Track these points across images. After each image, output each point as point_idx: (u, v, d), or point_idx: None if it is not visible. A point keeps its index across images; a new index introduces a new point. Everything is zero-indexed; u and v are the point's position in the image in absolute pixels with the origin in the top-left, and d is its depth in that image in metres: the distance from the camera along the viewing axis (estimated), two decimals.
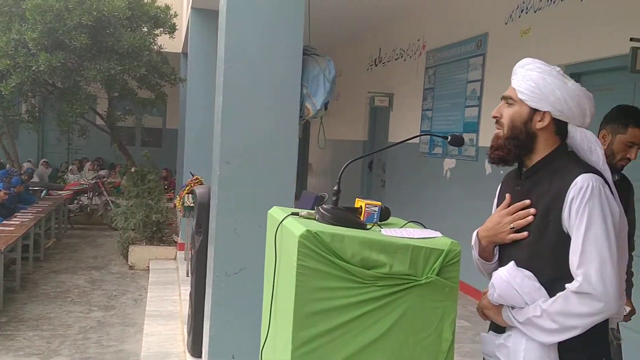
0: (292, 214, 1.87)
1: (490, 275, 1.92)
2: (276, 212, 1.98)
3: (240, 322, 2.86)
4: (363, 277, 1.67)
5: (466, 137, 6.67)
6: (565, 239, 1.76)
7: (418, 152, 7.90)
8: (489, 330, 1.98)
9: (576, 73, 5.06)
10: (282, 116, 3.00)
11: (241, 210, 2.90)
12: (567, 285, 1.73)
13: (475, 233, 2.00)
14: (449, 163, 7.13)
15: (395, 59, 8.71)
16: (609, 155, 2.78)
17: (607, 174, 1.82)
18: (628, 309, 2.90)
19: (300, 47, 2.97)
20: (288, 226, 1.78)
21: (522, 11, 5.73)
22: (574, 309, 1.70)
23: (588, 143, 1.86)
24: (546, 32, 5.34)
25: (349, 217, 1.82)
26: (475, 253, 2.03)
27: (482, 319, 1.95)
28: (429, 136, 7.60)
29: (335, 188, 1.88)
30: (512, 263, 1.83)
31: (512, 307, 1.82)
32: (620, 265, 1.78)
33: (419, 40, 7.95)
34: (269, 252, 2.01)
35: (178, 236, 8.29)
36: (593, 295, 1.69)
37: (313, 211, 1.87)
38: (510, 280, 1.80)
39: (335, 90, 3.25)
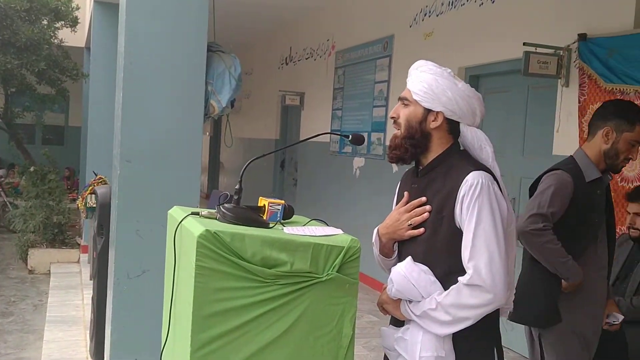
0: (192, 213, 1.83)
1: (390, 271, 1.97)
2: (176, 212, 1.94)
3: (142, 325, 2.77)
4: (264, 276, 1.66)
5: (374, 136, 6.82)
6: (458, 234, 1.84)
7: (329, 151, 7.98)
8: (389, 325, 2.03)
9: (475, 75, 5.30)
10: (186, 113, 2.93)
11: (143, 210, 2.81)
12: (459, 278, 1.80)
13: (375, 230, 2.05)
14: (358, 162, 7.26)
15: (306, 59, 8.76)
16: (613, 156, 2.58)
17: (496, 171, 1.92)
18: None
19: (204, 43, 2.91)
20: (187, 226, 1.75)
21: (425, 15, 5.91)
22: (465, 301, 1.78)
23: (478, 141, 1.95)
24: (448, 35, 5.54)
25: (251, 216, 1.81)
26: (375, 250, 2.08)
27: (382, 313, 2.00)
28: (339, 137, 7.71)
29: (237, 187, 1.87)
30: (409, 258, 1.89)
31: (410, 301, 1.87)
32: (508, 258, 1.89)
33: (328, 40, 8.04)
34: (168, 253, 1.96)
35: (82, 238, 7.95)
36: (483, 287, 1.77)
37: (214, 210, 1.85)
38: (407, 275, 1.85)
39: (246, 88, 3.22)
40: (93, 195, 5.95)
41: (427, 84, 1.89)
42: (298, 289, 1.69)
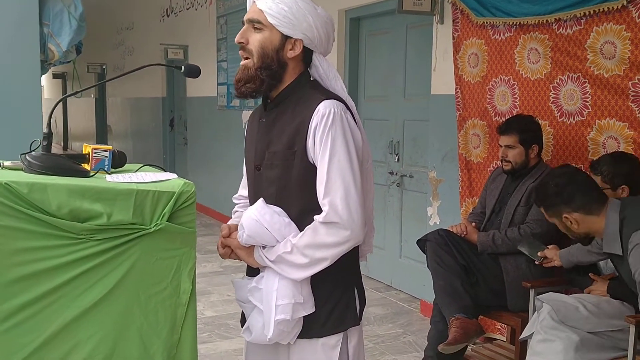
0: None
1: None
2: None
3: None
4: (76, 231, 1.42)
5: None
6: (312, 169, 1.68)
7: (217, 106, 7.67)
8: (244, 276, 1.86)
9: (355, 18, 5.15)
10: (18, 59, 2.58)
11: None
12: (315, 217, 1.65)
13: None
14: (246, 115, 7.00)
15: (187, 9, 8.29)
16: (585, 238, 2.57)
17: (350, 102, 1.76)
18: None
19: None
20: None
21: None
22: (322, 240, 1.64)
23: (332, 72, 1.79)
24: None
25: (64, 164, 1.55)
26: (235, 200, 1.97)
27: (223, 257, 1.81)
28: (226, 90, 7.42)
29: (45, 131, 1.60)
30: (260, 201, 1.72)
31: (264, 247, 1.70)
32: (366, 193, 1.75)
33: None
34: None
35: None
36: (339, 224, 1.63)
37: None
38: (259, 218, 1.68)
39: (129, 44, 2.86)
40: None
41: (286, 6, 1.66)
42: (120, 244, 1.47)
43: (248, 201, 1.88)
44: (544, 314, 2.61)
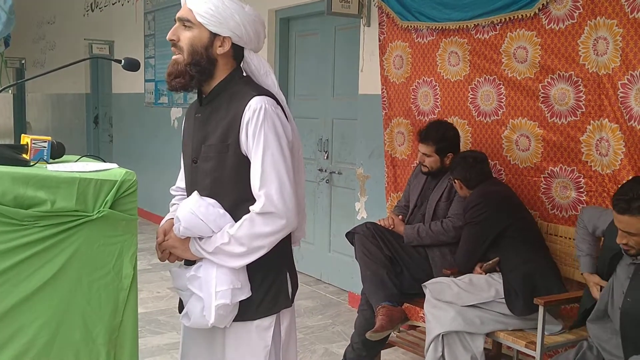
0: None
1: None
2: None
3: None
4: (19, 218, 1.46)
5: None
6: (245, 162, 1.77)
7: (144, 103, 7.57)
8: (180, 266, 1.93)
9: (285, 18, 5.25)
10: None
11: None
12: (250, 207, 1.74)
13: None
14: (175, 112, 6.97)
15: (113, 4, 8.13)
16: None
17: (281, 97, 1.87)
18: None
19: None
20: None
21: None
22: (259, 230, 1.73)
23: (264, 68, 1.89)
24: None
25: (3, 153, 1.58)
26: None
27: (161, 260, 1.88)
28: (154, 87, 7.34)
29: None
30: (195, 193, 1.79)
31: (200, 239, 1.78)
32: (298, 182, 1.87)
33: None
34: None
35: None
36: (275, 214, 1.73)
37: None
38: (194, 210, 1.75)
39: (50, 39, 2.83)
40: None
41: (213, 5, 1.75)
42: (63, 230, 1.52)
43: (185, 193, 1.94)
44: (427, 296, 3.01)
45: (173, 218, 1.81)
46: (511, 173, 3.37)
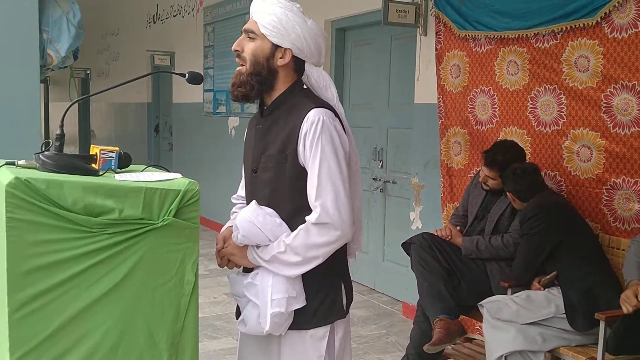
0: (7, 163, 1.65)
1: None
2: None
3: None
4: (89, 225, 1.53)
5: None
6: (303, 172, 1.80)
7: (203, 112, 7.76)
8: (238, 273, 1.97)
9: (341, 28, 5.29)
10: (19, 64, 2.67)
11: None
12: (306, 217, 1.77)
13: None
14: (233, 121, 7.11)
15: (174, 16, 8.38)
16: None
17: (340, 109, 1.89)
18: None
19: None
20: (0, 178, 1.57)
21: None
22: (314, 240, 1.75)
23: (324, 81, 1.91)
24: None
25: (75, 163, 1.66)
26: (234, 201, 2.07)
27: (222, 267, 1.93)
28: (212, 97, 7.51)
29: (57, 132, 1.70)
30: (253, 202, 1.83)
31: (257, 247, 1.82)
32: (354, 194, 1.88)
33: None
34: None
35: None
36: (330, 225, 1.75)
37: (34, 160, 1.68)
38: (252, 219, 1.79)
39: (114, 50, 2.97)
40: None
41: (276, 17, 1.80)
42: (130, 237, 1.58)
43: (245, 202, 1.99)
44: (485, 316, 2.92)
45: (232, 226, 1.86)
46: (572, 184, 3.29)
